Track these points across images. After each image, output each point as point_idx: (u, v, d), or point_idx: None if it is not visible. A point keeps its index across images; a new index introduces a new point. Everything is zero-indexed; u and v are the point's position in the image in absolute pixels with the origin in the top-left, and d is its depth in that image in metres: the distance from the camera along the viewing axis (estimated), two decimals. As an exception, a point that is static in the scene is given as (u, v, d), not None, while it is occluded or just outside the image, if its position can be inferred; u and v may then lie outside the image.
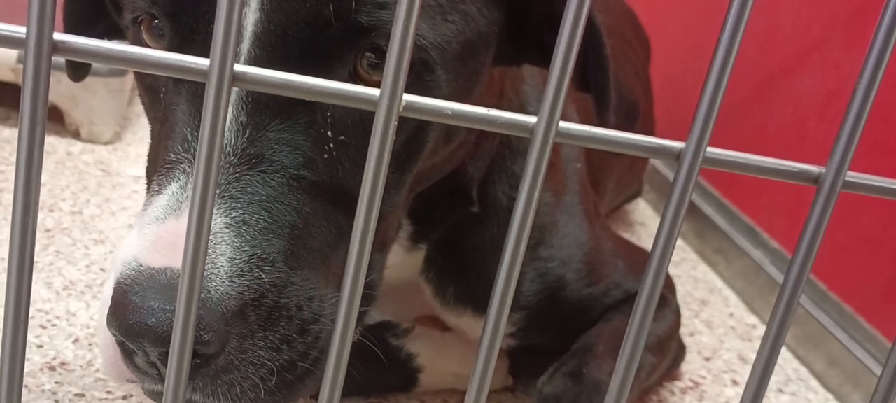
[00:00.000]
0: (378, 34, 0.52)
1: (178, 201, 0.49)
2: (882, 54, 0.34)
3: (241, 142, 0.51)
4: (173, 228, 0.48)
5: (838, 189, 0.36)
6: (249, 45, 0.51)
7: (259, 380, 0.50)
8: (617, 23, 1.30)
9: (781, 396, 1.02)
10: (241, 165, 0.50)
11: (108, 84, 1.30)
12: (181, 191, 0.50)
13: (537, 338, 0.83)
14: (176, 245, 0.47)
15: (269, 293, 0.50)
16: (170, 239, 0.48)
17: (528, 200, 0.34)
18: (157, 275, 0.47)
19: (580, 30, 0.32)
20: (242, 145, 0.51)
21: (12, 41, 0.31)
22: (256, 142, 0.51)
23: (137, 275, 0.47)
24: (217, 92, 0.31)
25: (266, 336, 0.50)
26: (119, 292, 0.47)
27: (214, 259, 0.48)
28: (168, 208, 0.49)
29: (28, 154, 0.32)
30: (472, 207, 0.74)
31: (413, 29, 0.31)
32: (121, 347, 0.49)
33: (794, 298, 0.38)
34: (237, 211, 0.49)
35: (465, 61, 0.59)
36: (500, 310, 0.36)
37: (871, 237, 1.06)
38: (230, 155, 0.50)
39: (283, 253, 0.51)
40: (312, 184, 0.53)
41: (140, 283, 0.47)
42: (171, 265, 0.47)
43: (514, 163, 0.76)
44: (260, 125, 0.51)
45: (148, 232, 0.49)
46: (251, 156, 0.51)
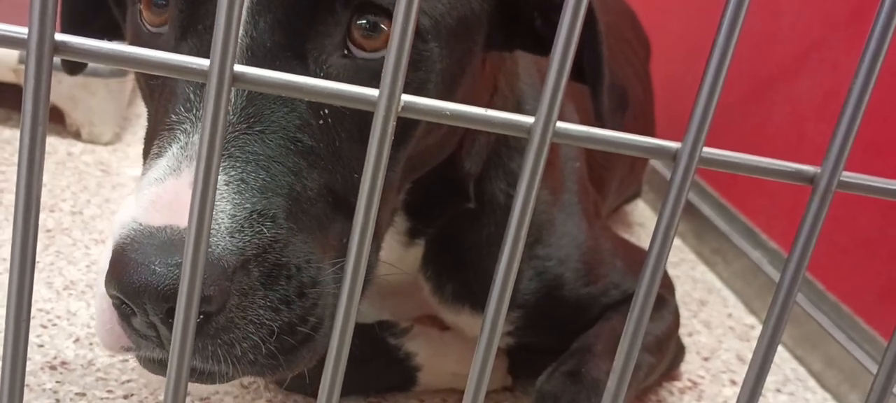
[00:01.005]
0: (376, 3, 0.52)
1: (177, 161, 0.49)
2: (877, 54, 0.34)
3: (240, 100, 0.51)
4: (172, 187, 0.48)
5: (834, 189, 0.36)
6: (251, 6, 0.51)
7: (259, 340, 0.49)
8: (616, 21, 1.31)
9: (779, 396, 1.02)
10: (240, 123, 0.50)
11: (108, 85, 1.31)
12: (181, 152, 0.49)
13: (535, 337, 0.83)
14: (175, 203, 0.47)
15: (271, 249, 0.49)
16: (168, 198, 0.48)
17: (525, 200, 0.35)
18: (157, 233, 0.46)
19: (578, 29, 0.32)
20: (241, 104, 0.51)
21: (14, 41, 0.31)
22: (254, 100, 0.51)
23: (137, 234, 0.47)
24: (217, 92, 0.31)
25: (266, 294, 0.49)
26: (118, 251, 0.46)
27: (215, 215, 0.47)
28: (167, 168, 0.49)
29: (29, 154, 0.32)
30: (468, 203, 0.74)
31: (412, 29, 0.31)
32: (118, 310, 0.48)
33: (790, 297, 0.38)
34: (235, 170, 0.49)
35: (459, 37, 0.59)
36: (498, 309, 0.36)
37: (869, 238, 1.06)
38: (228, 113, 0.50)
39: (284, 211, 0.51)
40: (309, 149, 0.53)
41: (140, 241, 0.46)
42: (171, 223, 0.47)
43: (511, 160, 0.76)
44: None
45: (147, 193, 0.48)
46: (249, 115, 0.50)
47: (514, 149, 0.76)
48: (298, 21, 0.52)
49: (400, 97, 0.32)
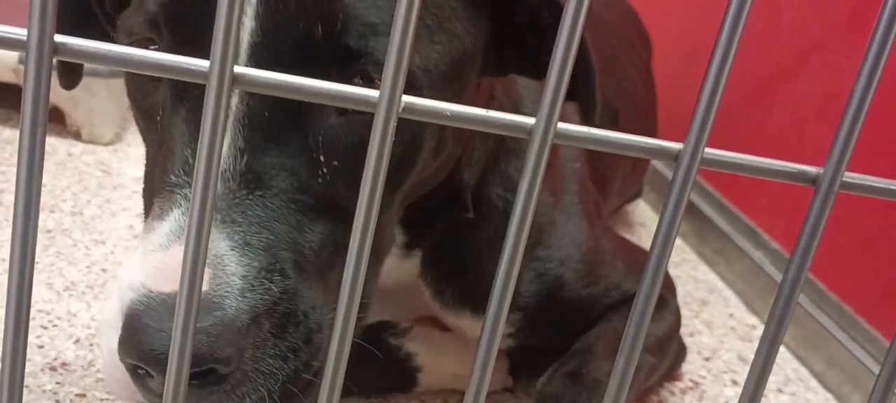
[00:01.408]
0: (367, 60, 0.53)
1: (181, 227, 0.50)
2: (879, 55, 0.34)
3: (240, 166, 0.52)
4: (178, 254, 0.49)
5: (836, 189, 0.36)
6: (246, 59, 0.52)
7: (266, 391, 0.51)
8: (619, 21, 1.31)
9: (781, 396, 1.02)
10: (241, 190, 0.51)
11: (108, 85, 1.31)
12: (184, 217, 0.51)
13: (536, 339, 0.83)
14: None
15: (281, 300, 0.51)
16: (176, 265, 0.49)
17: (526, 201, 0.34)
18: (169, 299, 0.48)
19: (580, 26, 0.32)
20: (241, 170, 0.52)
21: (13, 43, 0.31)
22: (254, 166, 0.52)
23: (150, 301, 0.48)
24: (218, 93, 0.31)
25: (276, 343, 0.51)
26: (133, 318, 0.48)
27: (225, 278, 0.49)
28: (171, 234, 0.50)
29: (29, 155, 0.32)
30: (466, 213, 0.74)
31: (412, 29, 0.31)
32: (133, 372, 0.49)
33: (792, 298, 0.38)
34: (239, 234, 0.50)
35: (451, 80, 0.60)
36: (498, 311, 0.36)
37: (871, 238, 1.06)
38: (229, 180, 0.51)
39: (290, 263, 0.52)
40: (309, 207, 0.54)
41: (153, 309, 0.48)
42: None
43: (509, 165, 0.76)
44: (256, 150, 0.52)
45: (154, 259, 0.50)
46: (249, 180, 0.52)
47: (512, 152, 0.76)
48: (297, 119, 0.53)
49: (400, 98, 0.32)
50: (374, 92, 0.32)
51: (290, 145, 0.53)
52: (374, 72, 0.53)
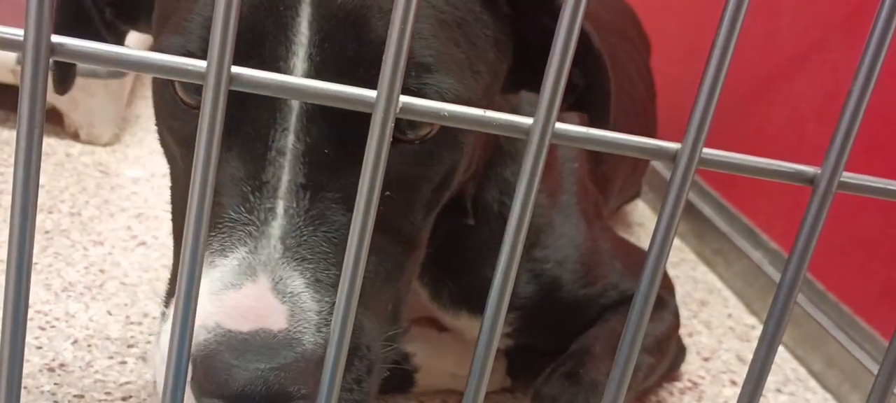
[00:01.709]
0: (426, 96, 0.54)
1: (250, 266, 0.50)
2: (877, 55, 0.34)
3: (304, 203, 0.52)
4: (254, 293, 0.49)
5: (834, 189, 0.36)
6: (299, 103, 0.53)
7: None
8: (620, 20, 1.31)
9: (780, 396, 1.02)
10: (307, 227, 0.52)
11: (107, 85, 1.31)
12: (252, 256, 0.50)
13: (534, 339, 0.83)
14: (260, 309, 0.49)
15: (352, 335, 0.52)
16: (251, 304, 0.49)
17: (524, 201, 0.34)
18: (251, 339, 0.48)
19: (577, 26, 0.32)
20: (305, 206, 0.52)
21: (10, 43, 0.31)
22: (317, 203, 0.53)
23: (229, 340, 0.48)
24: (215, 93, 0.31)
25: (344, 376, 0.51)
26: (213, 358, 0.47)
27: (303, 314, 0.49)
28: (240, 272, 0.50)
29: (26, 155, 0.32)
30: (466, 220, 0.74)
31: (409, 30, 0.31)
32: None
33: (790, 298, 0.38)
34: (310, 271, 0.51)
35: (484, 106, 0.61)
36: (496, 311, 0.36)
37: (870, 238, 1.06)
38: (295, 217, 0.52)
39: None
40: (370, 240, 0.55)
41: (234, 347, 0.47)
42: (261, 327, 0.48)
43: (505, 168, 0.76)
44: (318, 186, 0.53)
45: (227, 299, 0.49)
46: (314, 217, 0.52)
47: (507, 155, 0.76)
48: (351, 127, 0.53)
49: (398, 98, 0.32)
50: (372, 92, 0.32)
51: (349, 181, 0.54)
52: None
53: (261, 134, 0.52)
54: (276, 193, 0.52)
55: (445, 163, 0.59)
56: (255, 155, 0.53)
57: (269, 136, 0.52)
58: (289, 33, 0.52)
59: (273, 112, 0.52)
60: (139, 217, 1.12)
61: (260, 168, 0.52)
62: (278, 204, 0.51)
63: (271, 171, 0.52)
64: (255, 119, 0.53)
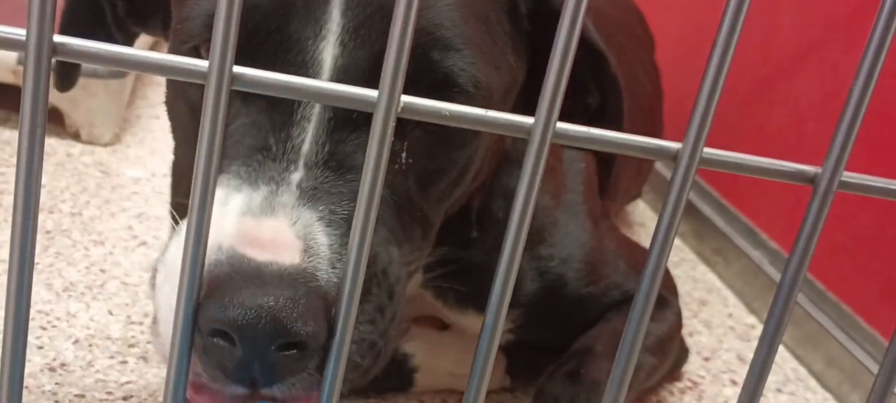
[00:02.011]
0: (448, 74, 0.56)
1: (271, 204, 0.51)
2: (878, 54, 0.34)
3: (324, 155, 0.54)
4: (272, 226, 0.50)
5: (834, 189, 0.36)
6: (329, 76, 0.54)
7: (359, 359, 0.52)
8: (626, 17, 1.31)
9: (780, 396, 1.02)
10: (324, 172, 0.53)
11: (107, 86, 1.31)
12: (273, 196, 0.51)
13: (535, 335, 0.83)
14: (276, 242, 0.49)
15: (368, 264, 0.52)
16: (270, 236, 0.49)
17: (526, 200, 0.34)
18: (264, 268, 0.47)
19: (578, 27, 0.32)
20: (324, 157, 0.54)
21: (12, 43, 0.31)
22: (336, 153, 0.54)
23: (243, 267, 0.47)
24: (216, 92, 0.31)
25: (364, 308, 0.52)
26: (224, 281, 0.46)
27: (316, 249, 0.49)
28: (263, 208, 0.51)
29: (28, 155, 0.32)
30: (471, 232, 0.75)
31: (411, 28, 0.31)
32: (206, 341, 0.46)
33: (791, 297, 0.38)
34: (324, 205, 0.52)
35: (502, 107, 0.63)
36: (497, 311, 0.36)
37: (870, 237, 1.06)
38: (313, 168, 0.53)
39: None
40: (387, 182, 0.55)
41: (248, 273, 0.47)
42: (276, 259, 0.48)
43: (510, 176, 0.76)
44: (339, 140, 0.54)
45: (245, 225, 0.49)
46: (333, 166, 0.54)
47: (513, 162, 0.76)
48: None
49: (399, 97, 0.32)
50: (373, 92, 0.32)
51: None
52: (454, 85, 0.56)
53: (289, 100, 0.54)
54: (300, 150, 0.53)
55: (466, 147, 0.61)
56: (284, 112, 0.54)
57: (296, 101, 0.54)
58: (320, 20, 0.54)
59: (304, 75, 0.53)
60: (140, 217, 1.12)
61: (287, 124, 0.54)
62: (300, 159, 0.53)
63: (297, 132, 0.53)
64: None
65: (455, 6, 0.57)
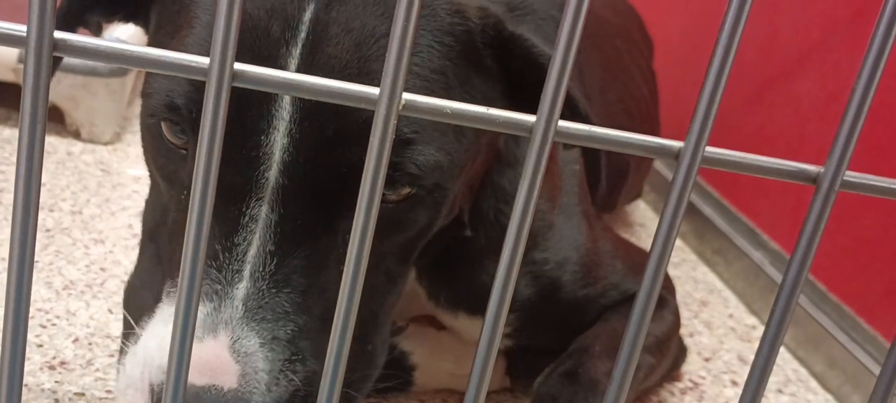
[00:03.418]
0: (403, 170, 0.56)
1: (213, 323, 0.53)
2: (880, 54, 0.34)
3: (270, 268, 0.54)
4: (211, 349, 0.52)
5: (837, 188, 0.36)
6: (277, 173, 0.54)
7: None
8: (625, 23, 1.31)
9: (781, 397, 1.02)
10: (270, 289, 0.54)
11: (108, 84, 1.30)
12: (216, 313, 0.53)
13: (534, 339, 0.83)
14: (215, 365, 0.51)
15: (303, 386, 0.55)
16: (209, 359, 0.51)
17: (527, 200, 0.34)
18: (202, 394, 0.50)
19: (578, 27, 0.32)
20: (271, 271, 0.54)
21: (13, 39, 0.31)
22: (283, 267, 0.55)
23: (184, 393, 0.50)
24: (217, 90, 0.31)
25: None
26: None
27: (254, 375, 0.52)
28: (204, 327, 0.52)
29: (28, 150, 0.32)
30: (463, 231, 0.75)
31: (413, 28, 0.31)
32: None
33: (792, 297, 0.38)
34: (267, 330, 0.54)
35: (471, 160, 0.64)
36: (497, 314, 0.36)
37: (871, 238, 1.06)
38: (259, 280, 0.54)
39: (310, 350, 0.56)
40: (331, 295, 0.57)
41: (187, 401, 0.49)
42: (215, 383, 0.51)
43: (502, 176, 0.76)
44: (286, 253, 0.55)
45: None
46: (278, 280, 0.55)
47: (504, 163, 0.76)
48: (326, 196, 0.56)
49: (401, 95, 0.32)
50: (375, 89, 0.32)
51: (319, 245, 0.56)
52: (411, 179, 0.57)
53: (237, 199, 0.54)
54: (245, 257, 0.54)
55: (420, 221, 0.62)
56: (231, 217, 0.55)
57: (244, 203, 0.54)
58: (279, 60, 0.54)
59: (250, 181, 0.54)
60: (140, 215, 1.12)
61: (232, 230, 0.54)
62: (245, 268, 0.54)
63: (243, 236, 0.54)
64: (232, 185, 0.55)
65: (416, 89, 0.56)
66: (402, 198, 0.58)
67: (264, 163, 0.54)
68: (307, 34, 0.54)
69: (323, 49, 0.54)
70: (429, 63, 0.58)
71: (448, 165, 0.59)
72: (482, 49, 0.61)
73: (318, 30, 0.54)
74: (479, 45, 0.61)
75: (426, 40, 0.58)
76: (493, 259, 0.37)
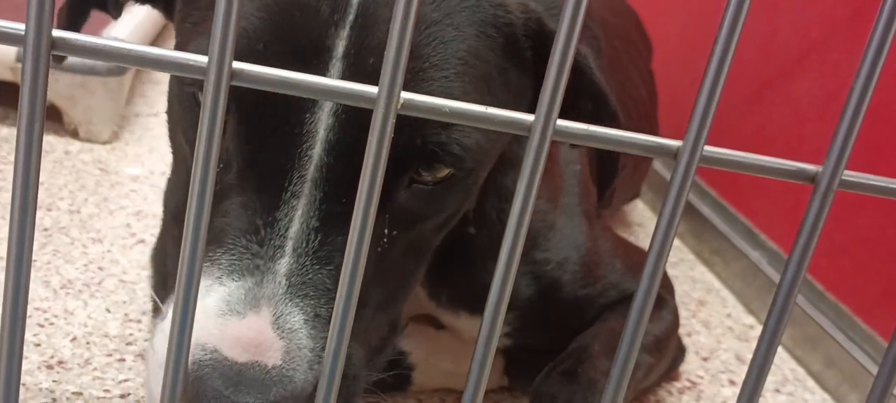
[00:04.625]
0: (442, 152, 0.56)
1: (255, 298, 0.51)
2: (878, 54, 0.34)
3: (313, 245, 0.54)
4: (255, 325, 0.51)
5: (835, 187, 0.36)
6: (321, 151, 0.53)
7: None
8: (623, 24, 1.31)
9: (778, 396, 1.02)
10: (313, 265, 0.53)
11: (106, 83, 1.30)
12: (257, 288, 0.52)
13: (532, 338, 0.83)
14: (259, 342, 0.50)
15: None
16: (252, 335, 0.50)
17: (525, 198, 0.34)
18: (245, 370, 0.49)
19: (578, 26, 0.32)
20: (314, 248, 0.54)
21: (11, 38, 0.31)
22: (326, 244, 0.54)
23: (224, 369, 0.49)
24: (216, 88, 0.31)
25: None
26: (204, 383, 0.48)
27: (297, 352, 0.51)
28: (246, 302, 0.51)
29: (26, 148, 0.32)
30: (467, 229, 0.75)
31: (411, 26, 0.31)
32: None
33: (790, 296, 0.38)
34: (311, 307, 0.52)
35: (503, 144, 0.66)
36: (495, 314, 0.36)
37: (869, 238, 1.06)
38: (302, 256, 0.53)
39: None
40: (371, 275, 0.57)
41: (228, 377, 0.48)
42: (257, 360, 0.49)
43: (505, 176, 0.76)
44: (330, 230, 0.54)
45: (230, 325, 0.50)
46: (321, 257, 0.54)
47: (508, 163, 0.76)
48: None
49: (399, 94, 0.32)
50: (373, 88, 0.32)
51: None
52: (454, 160, 0.56)
53: (279, 175, 0.53)
54: (288, 233, 0.53)
55: (452, 205, 0.62)
56: (272, 193, 0.54)
57: (286, 179, 0.53)
58: (327, 41, 0.53)
59: (293, 158, 0.53)
60: (138, 214, 1.12)
61: (274, 206, 0.53)
62: (288, 244, 0.53)
63: (285, 212, 0.53)
64: (274, 161, 0.54)
65: (455, 76, 0.56)
66: (438, 179, 0.58)
67: (308, 141, 0.53)
68: (356, 16, 0.53)
69: (372, 32, 0.54)
70: (473, 51, 0.58)
71: (487, 149, 0.59)
72: (522, 42, 0.62)
73: (368, 12, 0.54)
74: (519, 39, 0.62)
75: (472, 30, 0.58)
76: (495, 258, 0.36)
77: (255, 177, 0.54)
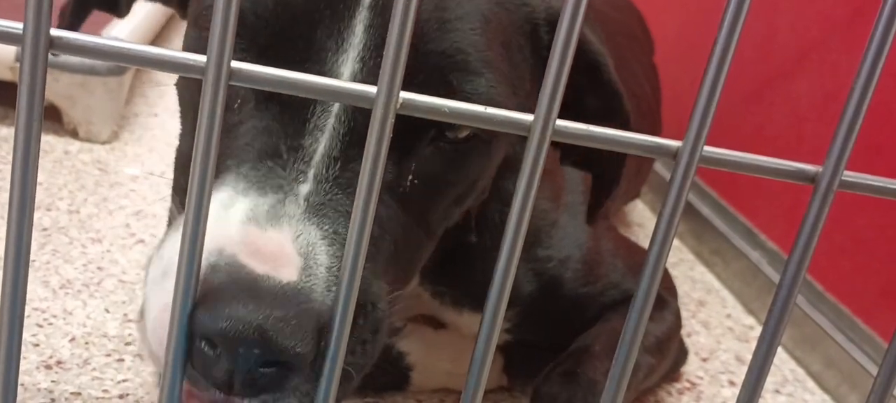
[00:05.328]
0: (467, 97, 0.56)
1: (277, 214, 0.51)
2: (878, 54, 0.34)
3: (333, 171, 0.53)
4: (275, 238, 0.49)
5: (835, 188, 0.36)
6: (340, 108, 0.54)
7: None
8: (626, 19, 1.30)
9: (778, 397, 1.02)
10: (333, 190, 0.53)
11: (105, 83, 1.30)
12: (280, 206, 0.51)
13: (533, 335, 0.83)
14: (277, 256, 0.48)
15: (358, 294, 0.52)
16: (272, 248, 0.49)
17: (524, 197, 0.34)
18: (261, 281, 0.47)
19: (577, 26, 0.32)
20: (334, 174, 0.53)
21: (9, 37, 0.31)
22: (347, 172, 0.54)
23: (240, 276, 0.47)
24: (214, 87, 0.31)
25: (350, 337, 0.51)
26: (220, 288, 0.46)
27: (315, 269, 0.49)
28: (267, 217, 0.50)
29: (25, 148, 0.32)
30: (470, 236, 0.75)
31: (411, 25, 0.31)
32: (196, 344, 0.45)
33: (790, 297, 0.38)
34: (329, 224, 0.52)
35: None
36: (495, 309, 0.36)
37: (869, 238, 1.06)
38: (322, 182, 0.53)
39: (368, 256, 0.53)
40: (389, 207, 0.57)
41: (243, 285, 0.46)
42: (274, 275, 0.47)
43: (508, 180, 0.76)
44: (350, 158, 0.54)
45: (249, 233, 0.49)
46: (341, 183, 0.53)
47: (512, 168, 0.76)
48: (398, 127, 0.56)
49: (398, 93, 0.32)
50: (372, 88, 0.32)
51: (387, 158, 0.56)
52: None
53: (303, 106, 0.53)
54: (311, 160, 0.53)
55: (473, 168, 0.61)
56: (296, 122, 0.54)
57: (309, 111, 0.53)
58: (343, 33, 0.54)
59: None
60: (137, 214, 1.12)
61: (298, 133, 0.53)
62: (310, 170, 0.53)
63: (309, 141, 0.53)
64: (296, 97, 0.54)
65: (479, 30, 0.57)
66: (461, 139, 0.58)
67: None
68: None
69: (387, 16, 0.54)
70: (496, 16, 0.59)
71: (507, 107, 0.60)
72: (545, 39, 0.63)
73: None
74: (542, 36, 0.63)
75: (499, 23, 0.59)
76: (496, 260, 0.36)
77: (274, 106, 0.55)
